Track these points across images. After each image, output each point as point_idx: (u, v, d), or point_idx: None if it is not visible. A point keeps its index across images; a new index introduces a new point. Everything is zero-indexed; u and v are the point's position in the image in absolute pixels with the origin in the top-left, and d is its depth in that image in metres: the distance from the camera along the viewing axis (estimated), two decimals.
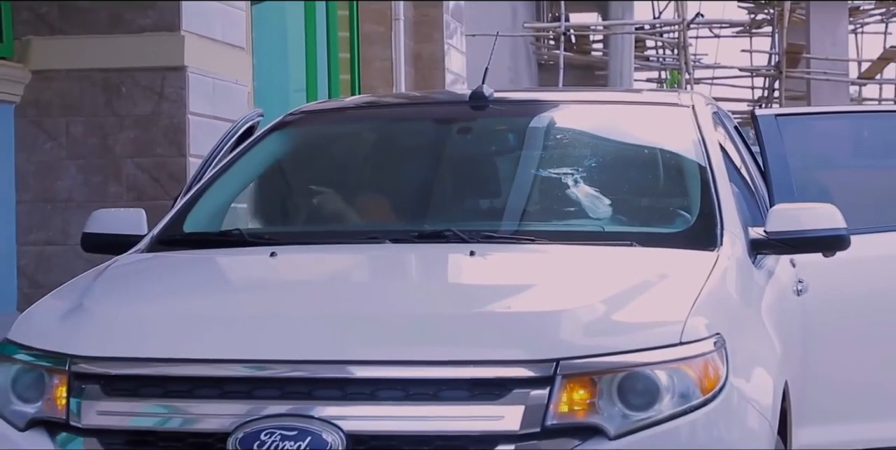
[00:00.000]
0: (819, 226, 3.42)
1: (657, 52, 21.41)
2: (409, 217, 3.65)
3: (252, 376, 2.69)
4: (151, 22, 5.78)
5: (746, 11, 21.27)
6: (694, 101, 3.88)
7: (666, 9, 20.49)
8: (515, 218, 3.52)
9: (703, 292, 2.95)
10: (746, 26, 21.02)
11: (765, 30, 20.95)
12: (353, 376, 2.68)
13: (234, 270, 3.26)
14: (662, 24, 19.52)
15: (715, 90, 22.42)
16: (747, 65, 21.13)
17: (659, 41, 20.41)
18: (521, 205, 3.59)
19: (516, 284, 3.05)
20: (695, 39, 21.68)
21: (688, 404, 2.71)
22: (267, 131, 3.97)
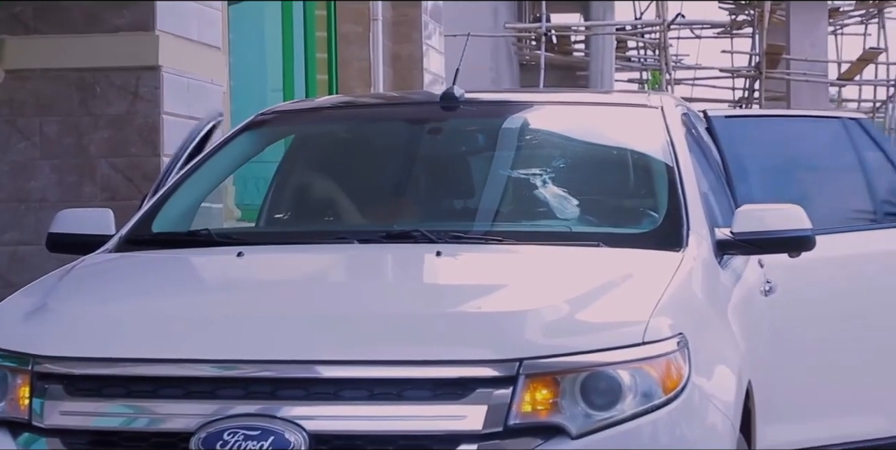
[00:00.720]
0: (785, 227, 3.45)
1: (638, 52, 21.46)
2: (377, 217, 3.67)
3: (216, 375, 2.70)
4: (126, 22, 5.77)
5: (727, 12, 21.35)
6: (663, 103, 3.90)
7: (647, 9, 20.54)
8: (484, 218, 3.53)
9: (666, 293, 2.97)
10: (727, 27, 21.10)
11: (745, 31, 21.03)
12: (317, 376, 2.69)
13: (201, 270, 3.27)
14: (643, 25, 19.57)
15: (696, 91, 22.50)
16: (728, 65, 21.20)
17: (640, 42, 20.46)
18: (489, 205, 3.61)
19: (481, 285, 3.07)
20: (676, 40, 21.75)
21: (650, 403, 2.73)
22: (238, 131, 3.98)
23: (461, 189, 3.71)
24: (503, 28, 17.72)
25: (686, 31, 21.20)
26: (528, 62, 19.24)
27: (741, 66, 20.69)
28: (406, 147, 3.94)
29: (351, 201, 3.79)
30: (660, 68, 17.45)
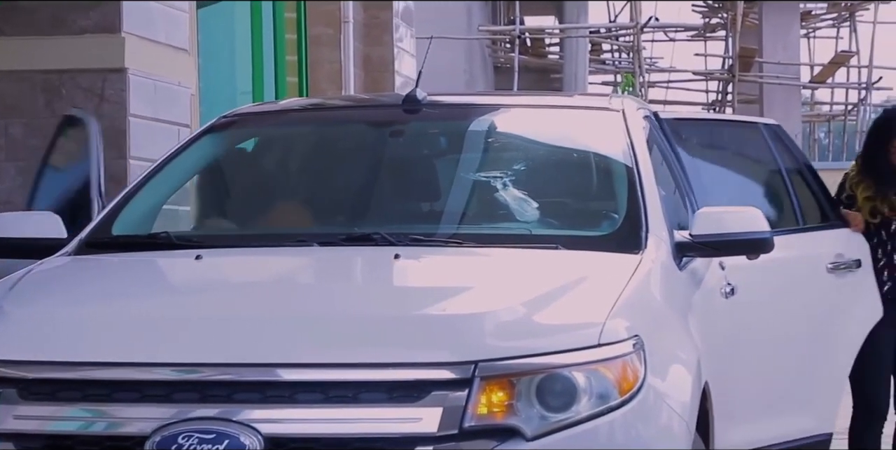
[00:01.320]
0: (743, 229, 3.47)
1: (613, 55, 21.54)
2: (338, 220, 3.67)
3: (172, 379, 2.70)
4: (92, 23, 5.76)
5: (701, 15, 21.44)
6: (624, 106, 3.92)
7: (621, 12, 20.62)
8: (444, 221, 3.54)
9: (623, 295, 2.99)
10: (701, 30, 21.20)
11: (719, 34, 21.13)
12: (273, 379, 2.69)
13: (158, 273, 3.27)
14: (617, 28, 19.64)
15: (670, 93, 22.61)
16: (702, 68, 21.30)
17: (614, 45, 20.53)
18: (450, 208, 3.62)
19: (438, 287, 3.08)
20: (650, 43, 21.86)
21: (605, 405, 2.74)
22: (200, 134, 3.97)
23: (422, 192, 3.71)
24: (477, 31, 17.74)
25: (660, 33, 21.30)
26: (503, 65, 19.27)
27: (714, 69, 20.79)
28: (368, 150, 3.94)
29: (312, 204, 3.79)
30: (633, 71, 17.51)
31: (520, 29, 18.01)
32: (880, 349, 4.66)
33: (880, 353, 4.66)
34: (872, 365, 4.65)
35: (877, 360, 4.65)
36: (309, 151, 4.05)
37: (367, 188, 3.77)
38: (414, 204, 3.70)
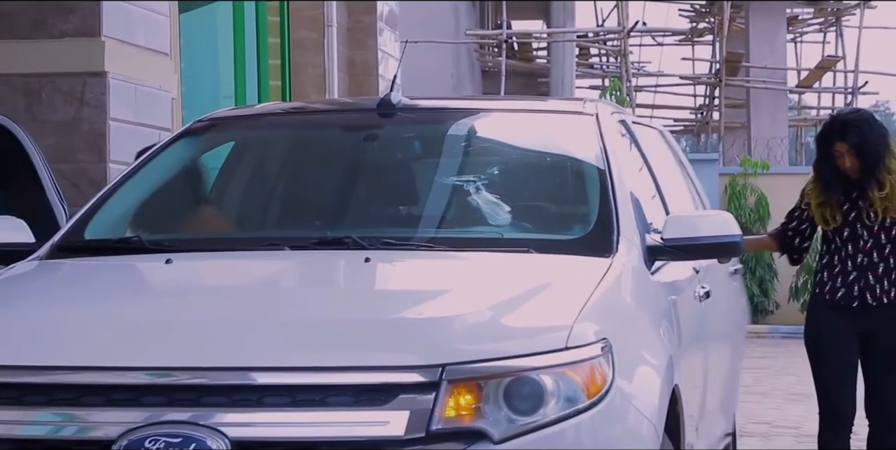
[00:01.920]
0: (714, 233, 3.48)
1: (600, 59, 21.59)
2: (310, 224, 3.67)
3: (139, 383, 2.70)
4: (73, 27, 5.77)
5: (688, 20, 21.51)
6: (598, 110, 3.93)
7: (609, 17, 20.68)
8: (416, 225, 3.55)
9: (592, 298, 2.99)
10: (688, 34, 21.27)
11: (706, 38, 21.21)
12: (240, 383, 2.69)
13: (127, 277, 3.26)
14: (604, 33, 19.68)
15: (658, 98, 22.69)
16: (689, 72, 21.36)
17: (602, 49, 20.59)
18: (422, 212, 3.62)
19: (407, 291, 3.09)
20: (638, 47, 21.93)
21: (573, 407, 2.75)
22: (174, 138, 3.98)
23: (396, 196, 3.72)
24: (464, 35, 17.78)
25: (648, 38, 21.37)
26: (491, 69, 19.33)
27: (702, 74, 20.86)
28: (342, 154, 3.95)
29: (286, 208, 3.79)
30: (620, 75, 17.55)
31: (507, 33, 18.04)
32: (836, 356, 4.63)
33: (836, 359, 4.65)
34: (831, 373, 4.66)
35: (834, 367, 4.65)
36: (283, 155, 4.06)
37: (341, 192, 3.78)
38: (387, 208, 3.70)
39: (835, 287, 4.63)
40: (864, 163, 4.49)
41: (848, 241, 4.61)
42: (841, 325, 4.62)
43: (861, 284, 4.59)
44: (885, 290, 4.60)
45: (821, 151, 4.63)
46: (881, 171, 4.51)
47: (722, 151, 18.56)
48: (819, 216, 4.63)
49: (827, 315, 4.66)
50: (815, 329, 4.71)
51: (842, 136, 4.53)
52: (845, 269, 4.61)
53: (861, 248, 4.59)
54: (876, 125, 4.59)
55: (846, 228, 4.62)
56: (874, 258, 4.59)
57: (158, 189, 3.83)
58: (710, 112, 20.72)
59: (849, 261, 4.61)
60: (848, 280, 4.61)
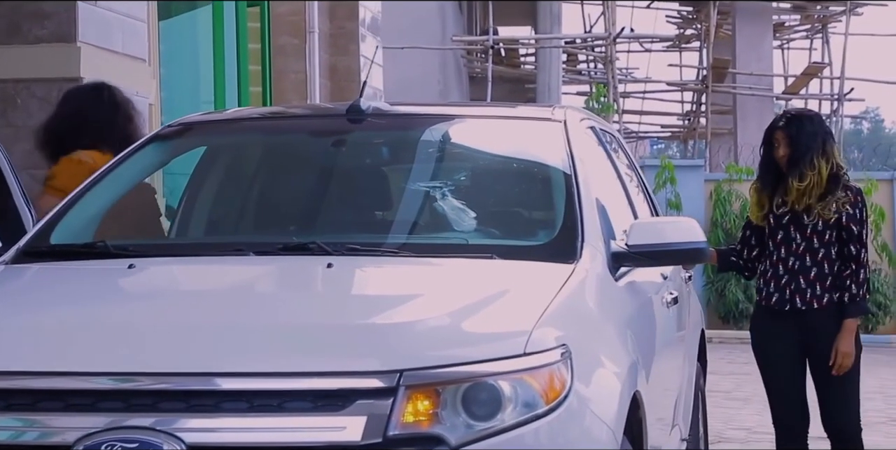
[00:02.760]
0: (679, 239, 3.49)
1: (588, 65, 21.63)
2: (278, 229, 3.68)
3: (97, 388, 2.70)
4: (48, 33, 5.77)
5: (675, 26, 21.57)
6: (566, 117, 3.94)
7: (597, 23, 20.72)
8: (382, 231, 3.56)
9: (552, 304, 3.00)
10: (676, 41, 21.32)
11: (694, 44, 21.26)
12: (198, 388, 2.70)
13: (89, 282, 3.26)
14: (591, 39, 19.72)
15: (646, 104, 22.73)
16: (677, 79, 21.41)
17: (590, 55, 20.63)
18: (388, 218, 3.63)
19: (368, 296, 3.10)
20: (626, 53, 21.99)
21: (531, 413, 2.76)
22: (144, 142, 3.98)
23: (362, 201, 3.73)
24: (451, 41, 17.80)
25: (635, 44, 21.42)
26: (478, 75, 19.35)
27: (689, 80, 20.91)
28: (310, 160, 3.96)
29: (253, 213, 3.80)
30: (606, 81, 17.59)
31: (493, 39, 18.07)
32: (779, 365, 4.62)
33: (780, 369, 4.62)
34: (775, 383, 4.64)
35: (778, 378, 4.64)
36: (252, 160, 4.07)
37: (308, 198, 3.79)
38: (353, 214, 3.71)
39: (769, 292, 4.62)
40: (793, 153, 4.56)
41: (781, 244, 4.60)
42: (781, 332, 4.61)
43: (792, 288, 4.57)
44: (817, 295, 4.56)
45: (764, 143, 4.71)
46: (806, 163, 4.54)
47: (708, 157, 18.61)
48: (752, 210, 4.67)
49: (767, 323, 4.66)
50: (757, 338, 4.71)
51: (782, 125, 4.62)
52: (777, 273, 4.61)
53: (794, 251, 4.58)
54: (818, 125, 4.65)
55: (780, 231, 4.61)
56: (806, 262, 4.57)
57: (126, 194, 3.84)
58: (697, 118, 20.77)
59: (780, 264, 4.59)
60: (780, 284, 4.59)
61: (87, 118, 4.72)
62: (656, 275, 3.99)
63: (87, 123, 4.72)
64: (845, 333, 4.56)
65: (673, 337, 4.20)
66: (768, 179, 4.64)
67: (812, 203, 4.56)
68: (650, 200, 4.79)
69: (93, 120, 4.72)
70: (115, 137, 4.71)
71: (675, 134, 23.54)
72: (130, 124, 4.79)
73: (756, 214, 4.65)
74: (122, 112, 4.80)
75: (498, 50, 19.49)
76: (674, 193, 14.05)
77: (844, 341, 4.55)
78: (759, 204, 4.65)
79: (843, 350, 4.55)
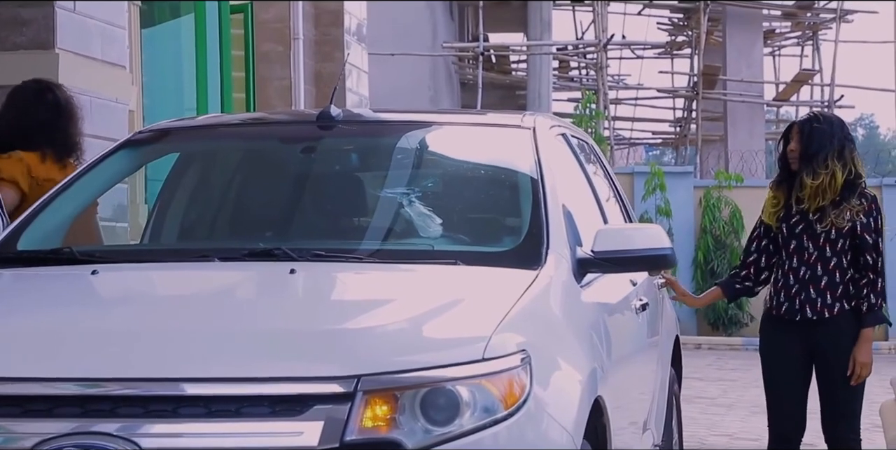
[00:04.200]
0: (644, 246, 3.50)
1: (580, 72, 21.66)
2: (244, 235, 3.69)
3: (54, 394, 2.71)
4: (26, 40, 5.77)
5: (667, 33, 21.61)
6: (536, 124, 3.95)
7: (588, 30, 20.75)
8: (348, 237, 3.57)
9: (513, 310, 3.01)
10: (667, 48, 21.36)
11: (685, 51, 21.30)
12: (155, 394, 2.70)
13: (48, 288, 3.27)
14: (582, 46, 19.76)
15: (637, 111, 22.77)
16: (668, 86, 21.44)
17: (582, 62, 20.66)
18: (355, 224, 3.65)
19: (328, 302, 3.10)
20: (618, 60, 22.02)
21: (489, 418, 2.76)
22: (115, 149, 3.99)
23: (330, 208, 3.74)
24: (441, 47, 17.82)
25: (627, 51, 21.45)
26: (470, 81, 19.37)
27: (680, 87, 20.94)
28: (280, 166, 3.97)
29: (222, 219, 3.81)
30: (597, 88, 17.61)
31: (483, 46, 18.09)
32: (782, 376, 4.60)
33: (783, 379, 4.60)
34: (777, 394, 4.61)
35: (780, 388, 4.60)
36: (222, 167, 4.08)
37: (276, 204, 3.80)
38: (320, 220, 3.72)
39: (779, 302, 4.59)
40: (805, 150, 4.50)
41: (793, 253, 4.56)
42: (788, 342, 4.57)
43: (802, 298, 4.55)
44: (828, 304, 4.52)
45: (783, 142, 4.65)
46: (819, 162, 4.48)
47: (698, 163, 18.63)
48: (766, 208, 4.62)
49: (774, 332, 4.63)
50: (764, 347, 4.69)
51: (800, 121, 4.60)
52: (788, 282, 4.57)
53: (805, 260, 4.54)
54: (838, 127, 4.56)
55: (793, 241, 4.57)
56: (818, 271, 4.53)
57: (94, 200, 3.85)
58: (688, 125, 20.80)
59: (791, 274, 4.56)
60: (791, 293, 4.56)
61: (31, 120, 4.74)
62: (625, 281, 4.00)
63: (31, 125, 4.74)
64: (863, 342, 4.53)
65: (643, 343, 4.21)
66: (782, 174, 4.62)
67: (826, 206, 4.50)
68: (624, 207, 4.80)
69: (35, 121, 4.74)
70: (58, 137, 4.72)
71: (667, 140, 23.57)
72: (72, 125, 4.80)
73: (769, 211, 4.59)
74: (64, 113, 4.81)
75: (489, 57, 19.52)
76: (663, 199, 14.07)
77: (862, 350, 4.53)
78: (774, 201, 4.60)
79: (862, 360, 4.53)
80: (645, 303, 4.17)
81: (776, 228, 4.61)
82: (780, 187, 4.62)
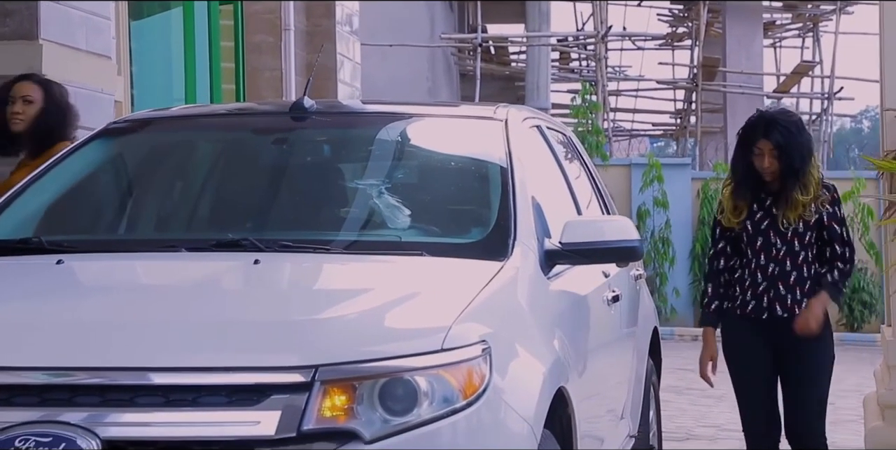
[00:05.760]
0: (612, 237, 3.50)
1: (580, 63, 21.63)
2: (213, 226, 3.71)
3: (10, 383, 2.73)
4: (10, 30, 5.77)
5: (667, 24, 21.56)
6: (508, 116, 3.96)
7: (588, 21, 20.72)
8: (315, 228, 3.58)
9: (475, 301, 3.02)
10: (668, 39, 21.32)
11: (686, 43, 21.25)
12: (113, 383, 2.72)
13: (12, 277, 3.28)
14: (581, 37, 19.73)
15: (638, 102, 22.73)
16: (669, 77, 21.40)
17: (582, 53, 20.63)
18: (324, 215, 3.65)
19: (290, 293, 3.12)
20: (619, 51, 21.97)
21: (448, 408, 2.78)
22: (89, 139, 4.00)
23: (299, 199, 3.75)
24: (439, 38, 17.81)
25: (627, 42, 21.41)
26: (469, 73, 19.35)
27: (681, 78, 20.90)
28: (252, 157, 3.99)
29: (193, 210, 3.82)
30: (595, 80, 17.59)
31: (482, 37, 18.07)
32: (752, 374, 4.43)
33: (753, 377, 4.43)
34: (749, 391, 4.45)
35: (752, 385, 4.44)
36: (193, 158, 4.09)
37: (247, 194, 3.81)
38: (290, 211, 3.73)
39: (745, 300, 4.42)
40: (789, 165, 4.32)
41: (760, 251, 4.39)
42: (754, 342, 4.39)
43: (770, 295, 4.38)
44: (797, 300, 4.37)
45: (741, 147, 4.39)
46: (806, 174, 4.35)
47: (697, 155, 18.60)
48: (728, 219, 4.43)
49: (740, 331, 4.42)
50: (730, 348, 4.46)
51: (766, 133, 4.33)
52: (755, 280, 4.39)
53: (774, 257, 4.38)
54: (803, 130, 4.41)
55: (759, 238, 4.40)
56: (786, 267, 4.37)
57: (67, 190, 3.86)
58: (688, 117, 20.78)
59: (759, 271, 4.39)
60: (758, 292, 4.40)
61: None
62: (596, 273, 4.00)
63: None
64: (815, 301, 4.33)
65: (615, 334, 4.22)
66: (748, 186, 4.39)
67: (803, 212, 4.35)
68: (603, 200, 4.80)
69: None
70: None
71: (667, 132, 23.54)
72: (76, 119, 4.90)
73: (733, 221, 4.42)
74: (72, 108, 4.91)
75: (487, 48, 19.50)
76: (661, 191, 14.07)
77: (814, 306, 4.32)
78: (737, 211, 4.42)
79: (814, 312, 4.31)
80: (617, 294, 4.18)
81: (738, 228, 4.44)
82: (743, 194, 4.38)
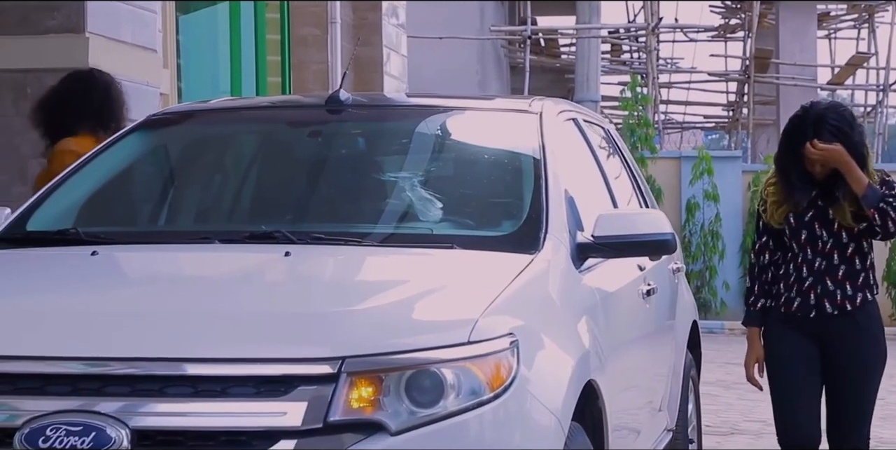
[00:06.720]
0: (644, 231, 3.49)
1: (631, 56, 21.51)
2: (246, 218, 3.74)
3: (43, 372, 2.76)
4: (57, 23, 5.86)
5: (719, 16, 21.37)
6: (543, 109, 3.95)
7: (640, 13, 20.59)
8: (347, 220, 3.60)
9: (503, 294, 3.02)
10: (721, 31, 21.14)
11: (739, 34, 21.06)
12: (143, 373, 2.75)
13: (47, 268, 3.32)
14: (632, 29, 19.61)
15: (690, 94, 22.58)
16: (721, 69, 21.23)
17: (633, 45, 20.51)
18: (355, 208, 3.67)
19: (319, 285, 3.14)
20: (671, 43, 21.82)
21: (474, 400, 2.78)
22: (127, 131, 4.05)
23: (333, 191, 3.77)
24: (489, 31, 17.78)
25: (679, 34, 21.26)
26: (519, 65, 19.31)
27: (733, 71, 20.72)
28: (288, 150, 4.01)
29: (230, 202, 3.86)
30: (646, 72, 17.47)
31: (531, 29, 18.02)
32: (793, 373, 4.11)
33: (794, 377, 4.11)
34: (789, 391, 4.11)
35: (792, 385, 4.11)
36: (230, 150, 4.13)
37: (282, 187, 3.84)
38: (323, 203, 3.75)
39: (790, 297, 4.14)
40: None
41: (806, 244, 4.11)
42: (800, 343, 4.10)
43: (818, 291, 4.10)
44: (849, 295, 4.08)
45: (787, 150, 4.06)
46: (871, 175, 3.98)
47: (749, 147, 18.42)
48: (772, 215, 4.16)
49: (783, 332, 4.13)
50: (771, 350, 4.15)
51: (817, 133, 4.00)
52: (801, 276, 4.10)
53: (820, 250, 4.09)
54: (855, 125, 4.03)
55: (803, 231, 4.10)
56: (834, 260, 4.08)
57: (106, 181, 3.91)
58: (740, 109, 20.59)
59: (804, 266, 4.10)
60: (804, 288, 4.11)
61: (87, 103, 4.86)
62: (631, 267, 3.99)
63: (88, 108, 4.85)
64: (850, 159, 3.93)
65: (650, 328, 4.20)
66: (804, 194, 4.06)
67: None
68: (642, 194, 4.78)
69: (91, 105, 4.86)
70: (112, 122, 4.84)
71: (719, 124, 23.34)
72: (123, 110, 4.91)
73: (777, 218, 4.13)
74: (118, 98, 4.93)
75: (537, 40, 19.44)
76: (711, 184, 13.95)
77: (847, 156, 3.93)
78: (781, 209, 4.12)
79: (839, 150, 3.93)
80: (653, 288, 4.15)
81: (778, 225, 4.16)
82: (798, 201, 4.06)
